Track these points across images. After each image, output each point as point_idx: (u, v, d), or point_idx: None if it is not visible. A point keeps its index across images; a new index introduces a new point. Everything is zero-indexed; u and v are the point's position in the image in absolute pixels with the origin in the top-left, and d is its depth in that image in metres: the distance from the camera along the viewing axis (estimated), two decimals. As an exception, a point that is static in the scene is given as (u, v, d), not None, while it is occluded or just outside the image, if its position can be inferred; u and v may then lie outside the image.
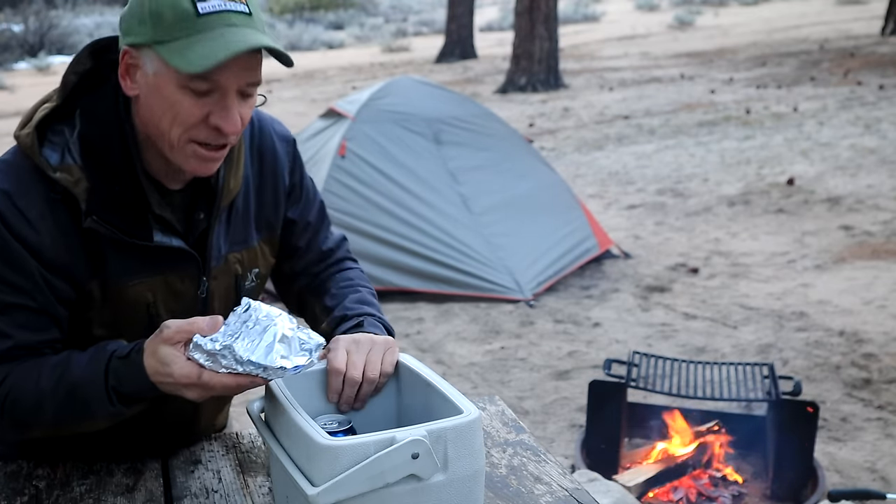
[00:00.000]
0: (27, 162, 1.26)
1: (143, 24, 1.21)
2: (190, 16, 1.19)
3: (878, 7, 18.90)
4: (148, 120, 1.25)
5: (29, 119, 1.28)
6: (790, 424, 2.91)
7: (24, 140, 1.26)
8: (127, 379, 1.20)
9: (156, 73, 1.21)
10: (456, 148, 5.53)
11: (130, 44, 1.22)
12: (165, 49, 1.19)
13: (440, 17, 23.10)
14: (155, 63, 1.21)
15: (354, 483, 0.98)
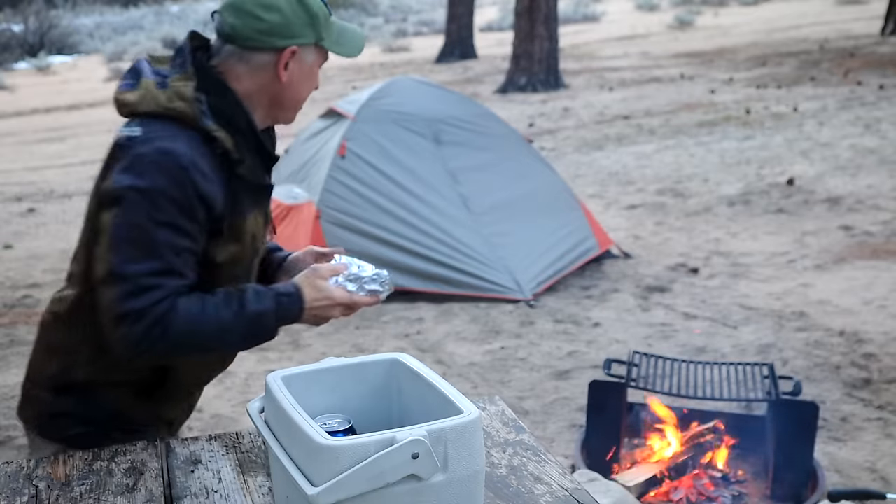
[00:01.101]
0: (188, 128, 1.55)
1: (308, 28, 1.61)
2: (328, 17, 1.65)
3: (878, 7, 18.90)
4: (291, 93, 1.67)
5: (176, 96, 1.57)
6: (790, 424, 2.90)
7: (187, 110, 1.56)
8: (289, 309, 1.57)
9: (312, 62, 1.66)
10: (456, 148, 5.53)
11: (300, 45, 1.62)
12: (327, 43, 1.65)
13: (440, 17, 23.09)
14: (313, 54, 1.65)
15: (354, 483, 0.98)
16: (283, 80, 1.64)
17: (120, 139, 1.61)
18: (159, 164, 1.52)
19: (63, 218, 7.78)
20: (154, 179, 1.52)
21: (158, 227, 1.52)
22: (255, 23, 1.59)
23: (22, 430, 3.89)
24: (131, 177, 1.54)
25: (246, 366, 4.46)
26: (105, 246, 1.54)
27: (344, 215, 5.18)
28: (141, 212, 1.52)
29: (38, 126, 13.80)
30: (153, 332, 1.49)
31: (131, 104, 1.62)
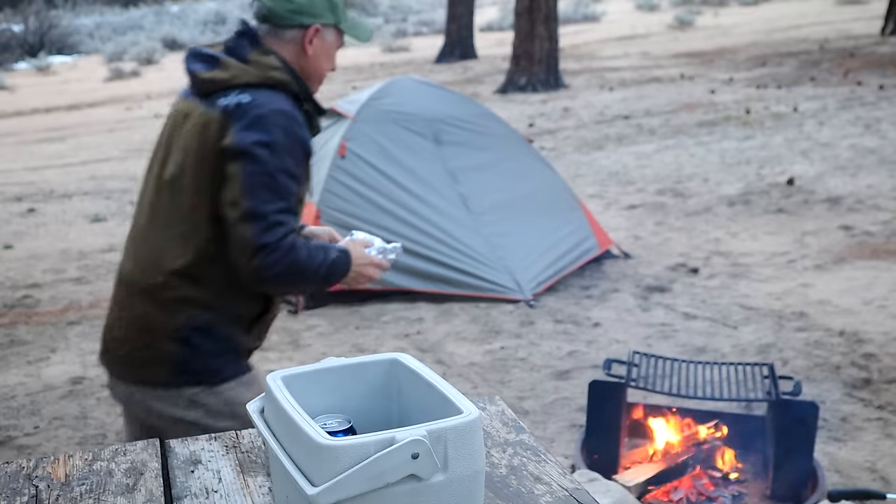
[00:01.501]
0: (282, 91, 1.93)
1: (329, 11, 2.00)
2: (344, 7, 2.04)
3: (878, 7, 18.90)
4: (314, 66, 2.03)
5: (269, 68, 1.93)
6: (790, 424, 2.90)
7: (283, 77, 1.94)
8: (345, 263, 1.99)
9: (332, 38, 2.04)
10: (456, 148, 5.53)
11: (322, 24, 2.00)
12: (344, 26, 2.05)
13: (440, 17, 23.09)
14: (332, 34, 2.03)
15: (354, 483, 0.98)
16: (309, 54, 2.02)
17: (228, 106, 1.89)
18: (276, 122, 1.88)
19: (63, 218, 7.78)
20: (274, 134, 1.86)
21: (281, 173, 1.87)
22: (287, 4, 1.97)
23: (22, 431, 3.88)
24: (255, 133, 1.86)
25: (246, 366, 4.46)
26: (238, 191, 1.85)
27: (344, 215, 5.18)
28: (267, 162, 1.85)
29: (38, 126, 13.81)
30: (283, 262, 1.85)
31: (224, 80, 1.92)
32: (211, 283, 1.93)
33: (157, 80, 19.31)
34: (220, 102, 1.90)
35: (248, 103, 1.88)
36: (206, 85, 1.94)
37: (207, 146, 1.89)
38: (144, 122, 13.50)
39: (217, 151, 1.88)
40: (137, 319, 1.99)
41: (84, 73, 21.60)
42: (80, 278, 6.01)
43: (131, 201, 8.24)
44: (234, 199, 1.86)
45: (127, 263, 2.05)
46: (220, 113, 1.89)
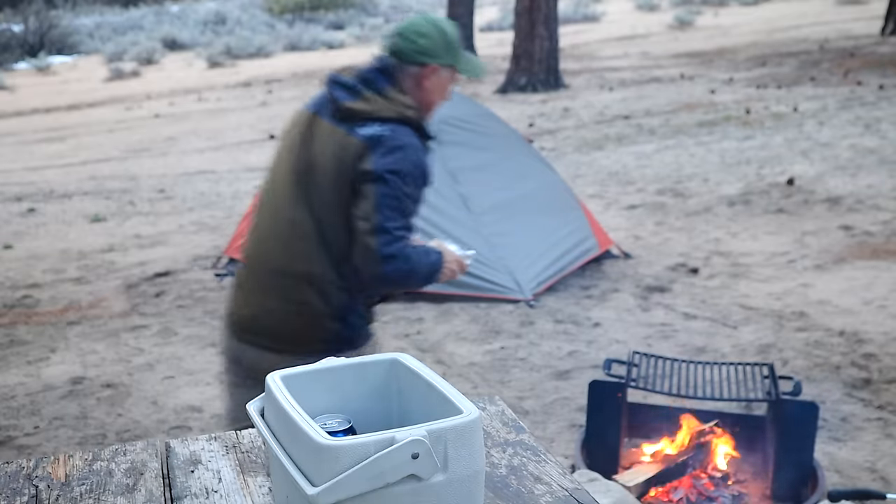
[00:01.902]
0: (413, 127, 2.27)
1: (446, 53, 2.33)
2: (460, 46, 2.38)
3: (878, 7, 18.90)
4: (428, 98, 2.36)
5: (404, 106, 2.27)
6: (790, 424, 2.91)
7: (414, 117, 2.29)
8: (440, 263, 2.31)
9: (446, 75, 2.36)
10: (456, 148, 5.53)
11: (440, 64, 2.33)
12: (461, 66, 2.39)
13: (440, 17, 23.06)
14: (447, 72, 2.35)
15: (354, 483, 0.98)
16: (425, 87, 2.35)
17: (370, 136, 2.23)
18: (407, 154, 2.23)
19: (63, 218, 7.78)
20: (404, 165, 2.22)
21: (406, 197, 2.23)
22: (413, 45, 2.31)
23: (22, 431, 3.88)
24: (390, 162, 2.21)
25: (246, 366, 4.46)
26: (370, 208, 2.21)
27: (344, 215, 5.17)
28: (397, 187, 2.21)
29: (38, 126, 13.81)
30: (402, 269, 2.23)
31: (366, 111, 2.26)
32: (349, 275, 2.31)
33: (157, 80, 19.32)
34: (360, 131, 2.24)
35: (387, 136, 2.23)
36: (349, 113, 2.27)
37: (346, 165, 2.24)
38: (144, 122, 13.50)
39: (356, 173, 2.22)
40: (293, 301, 2.34)
41: (84, 73, 21.60)
42: (80, 278, 6.01)
43: (131, 201, 8.24)
44: (366, 214, 2.21)
45: (275, 253, 2.38)
46: (362, 140, 2.23)
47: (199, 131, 12.24)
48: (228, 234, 6.55)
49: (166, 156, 10.57)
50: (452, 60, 2.35)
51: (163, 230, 7.16)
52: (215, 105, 14.86)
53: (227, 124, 12.69)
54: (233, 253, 5.84)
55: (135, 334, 4.96)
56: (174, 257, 6.34)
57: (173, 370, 4.45)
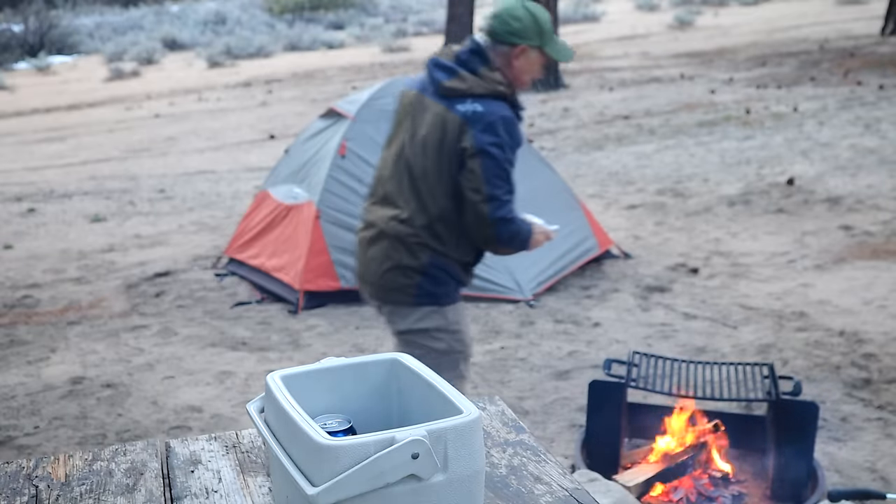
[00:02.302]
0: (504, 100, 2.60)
1: (537, 35, 2.60)
2: (552, 32, 2.65)
3: (878, 7, 18.90)
4: (517, 75, 2.64)
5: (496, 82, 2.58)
6: (790, 424, 2.91)
7: (506, 91, 2.60)
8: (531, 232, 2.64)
9: (535, 56, 2.64)
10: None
11: (528, 45, 2.60)
12: (548, 48, 2.64)
13: (440, 17, 23.08)
14: (535, 52, 2.63)
15: (354, 483, 0.98)
16: (515, 66, 2.62)
17: (466, 112, 2.55)
18: (503, 126, 2.54)
19: (63, 218, 7.78)
20: (502, 136, 2.53)
21: (507, 162, 2.55)
22: (506, 27, 2.59)
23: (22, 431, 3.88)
24: (489, 136, 2.53)
25: (246, 366, 4.46)
26: (479, 181, 2.54)
27: (344, 215, 5.17)
28: (499, 157, 2.53)
29: (38, 126, 13.81)
30: (510, 229, 2.59)
31: (462, 90, 2.57)
32: (444, 237, 2.65)
33: (157, 80, 19.32)
34: (458, 107, 2.56)
35: (481, 112, 2.54)
36: (448, 91, 2.59)
37: (447, 140, 2.57)
38: (144, 122, 13.50)
39: (457, 148, 2.55)
40: (391, 258, 2.68)
41: (84, 73, 21.60)
42: (80, 278, 6.01)
43: (131, 201, 8.24)
44: (476, 186, 2.55)
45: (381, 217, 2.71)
46: (460, 116, 2.55)
47: (199, 131, 12.24)
48: (228, 234, 6.56)
49: (166, 156, 10.57)
50: (542, 43, 2.62)
51: (163, 230, 7.16)
52: (215, 105, 14.86)
53: (227, 124, 12.69)
54: (233, 253, 5.84)
55: (135, 334, 4.96)
56: (174, 257, 6.34)
57: (173, 370, 4.45)
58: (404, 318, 2.72)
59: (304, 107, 13.60)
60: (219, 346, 4.74)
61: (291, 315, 5.07)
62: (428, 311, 2.70)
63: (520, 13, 2.60)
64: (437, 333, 2.70)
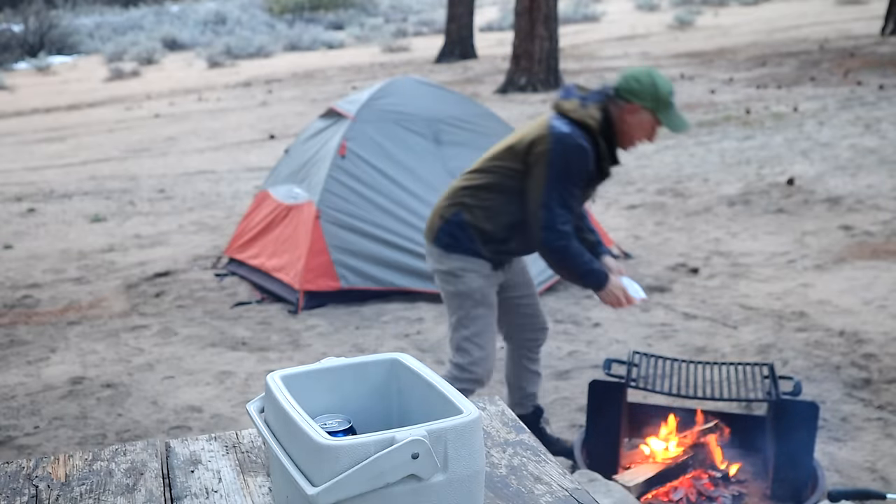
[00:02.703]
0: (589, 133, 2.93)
1: (652, 100, 2.92)
2: (671, 103, 2.94)
3: (878, 7, 18.91)
4: (626, 130, 2.98)
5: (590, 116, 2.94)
6: (790, 424, 2.90)
7: (593, 125, 2.92)
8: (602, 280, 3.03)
9: (647, 118, 2.96)
10: (456, 148, 5.53)
11: (641, 105, 2.93)
12: (661, 115, 2.95)
13: (440, 17, 23.09)
14: (647, 114, 2.95)
15: (354, 483, 0.98)
16: (625, 121, 2.95)
17: (555, 126, 2.91)
18: (574, 151, 2.88)
19: (63, 218, 7.78)
20: (569, 158, 2.87)
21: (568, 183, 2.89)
22: (626, 85, 2.94)
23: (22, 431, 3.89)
24: (560, 154, 2.87)
25: (246, 366, 4.46)
26: (539, 187, 2.90)
27: (344, 215, 5.18)
28: (560, 176, 2.88)
29: (38, 126, 13.81)
30: (557, 242, 2.92)
31: (563, 109, 2.95)
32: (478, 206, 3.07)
33: (157, 80, 19.32)
34: (554, 121, 2.93)
35: (565, 133, 2.89)
36: (556, 106, 2.99)
37: (529, 138, 2.95)
38: (144, 122, 13.50)
39: (533, 151, 2.92)
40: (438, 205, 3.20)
41: (84, 73, 21.60)
42: (80, 278, 6.01)
43: (131, 201, 8.25)
44: (536, 192, 2.91)
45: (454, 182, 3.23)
46: (550, 129, 2.92)
47: (199, 131, 12.25)
48: (228, 234, 6.56)
49: (166, 156, 10.58)
50: (655, 108, 2.91)
51: (163, 230, 7.16)
52: (215, 105, 14.87)
53: (227, 124, 12.69)
54: (233, 253, 5.84)
55: (135, 334, 4.96)
56: (174, 257, 6.34)
57: (173, 370, 4.45)
58: (428, 257, 3.22)
59: (304, 107, 13.60)
60: (219, 346, 4.74)
61: (291, 315, 5.07)
62: (439, 253, 3.14)
63: (642, 77, 2.93)
64: (446, 276, 3.15)
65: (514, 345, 3.43)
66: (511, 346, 3.45)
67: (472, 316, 3.17)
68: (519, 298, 3.37)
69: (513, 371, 3.48)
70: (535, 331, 3.41)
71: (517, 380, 3.47)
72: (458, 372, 3.20)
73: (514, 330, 3.41)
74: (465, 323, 3.18)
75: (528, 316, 3.38)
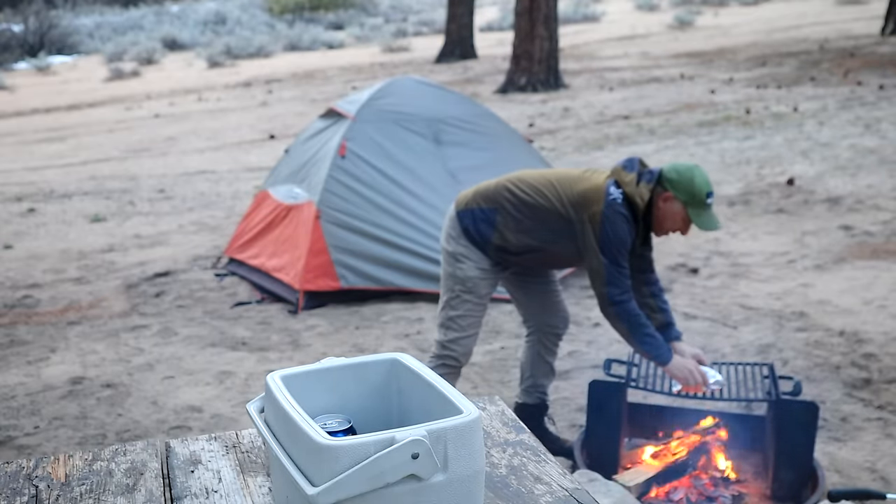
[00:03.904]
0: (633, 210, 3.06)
1: (686, 194, 3.02)
2: (704, 203, 3.04)
3: (878, 7, 18.90)
4: (661, 217, 3.09)
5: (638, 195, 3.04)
6: (790, 424, 2.91)
7: (640, 205, 3.04)
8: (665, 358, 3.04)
9: (677, 211, 3.06)
10: (456, 148, 5.53)
11: (674, 195, 3.03)
12: (691, 210, 3.04)
13: (440, 17, 23.09)
14: (680, 206, 3.04)
15: (354, 483, 0.98)
16: (660, 207, 3.06)
17: (611, 190, 3.05)
18: (620, 221, 3.01)
19: (63, 218, 7.78)
20: (616, 225, 3.01)
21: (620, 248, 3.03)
22: (667, 174, 3.04)
23: (22, 431, 3.88)
24: (610, 218, 3.01)
25: (246, 366, 4.46)
26: (593, 244, 3.03)
27: (344, 215, 5.17)
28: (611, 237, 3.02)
29: (38, 126, 13.81)
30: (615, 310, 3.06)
31: (624, 181, 3.06)
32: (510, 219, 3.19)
33: (157, 80, 19.32)
34: (610, 187, 3.05)
35: (618, 202, 3.02)
36: (614, 173, 3.11)
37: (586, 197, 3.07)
38: (144, 122, 13.50)
39: (591, 211, 3.04)
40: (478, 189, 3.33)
41: (84, 73, 21.60)
42: (80, 278, 6.01)
43: (131, 201, 8.25)
44: (591, 247, 3.04)
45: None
46: (605, 194, 3.04)
47: (199, 131, 12.24)
48: (228, 234, 6.56)
49: (166, 156, 10.58)
50: (686, 201, 3.02)
51: (163, 230, 7.16)
52: (215, 105, 14.87)
53: (227, 124, 12.69)
54: (233, 253, 5.84)
55: (135, 334, 4.96)
56: (174, 257, 6.34)
57: (173, 370, 4.45)
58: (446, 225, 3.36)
59: (304, 107, 13.60)
60: (219, 346, 4.74)
61: (291, 315, 5.07)
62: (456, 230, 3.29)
63: (682, 170, 3.05)
64: (448, 257, 3.30)
65: (534, 329, 3.49)
66: (530, 331, 3.50)
67: (461, 300, 3.29)
68: (541, 284, 3.44)
69: (528, 358, 3.52)
70: (556, 316, 3.46)
71: (530, 368, 3.51)
72: (438, 349, 3.34)
73: (535, 313, 3.47)
74: (453, 304, 3.30)
75: (550, 302, 3.45)
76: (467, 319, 3.31)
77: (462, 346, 3.32)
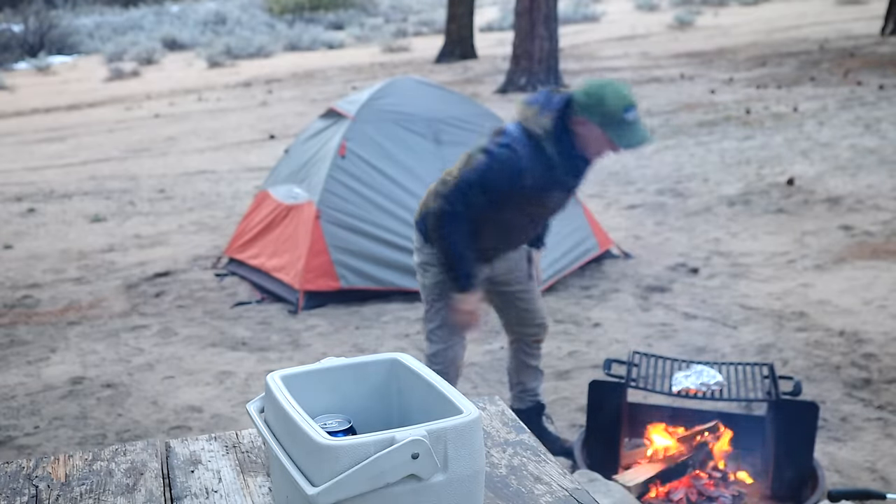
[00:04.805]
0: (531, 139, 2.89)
1: (598, 116, 2.81)
2: (623, 120, 2.81)
3: (878, 7, 18.90)
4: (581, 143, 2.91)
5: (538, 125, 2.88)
6: (790, 424, 2.90)
7: (538, 133, 2.88)
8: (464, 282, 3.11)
9: (596, 134, 2.86)
10: (456, 148, 5.50)
11: (588, 119, 2.84)
12: (609, 130, 2.83)
13: (440, 17, 23.09)
14: (596, 128, 2.84)
15: (354, 483, 0.98)
16: (577, 133, 2.90)
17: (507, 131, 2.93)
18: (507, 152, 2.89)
19: (63, 218, 7.78)
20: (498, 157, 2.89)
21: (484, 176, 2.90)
22: (577, 98, 2.86)
23: (22, 431, 3.88)
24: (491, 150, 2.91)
25: (246, 366, 4.46)
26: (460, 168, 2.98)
27: (344, 215, 5.17)
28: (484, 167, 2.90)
29: (38, 126, 13.80)
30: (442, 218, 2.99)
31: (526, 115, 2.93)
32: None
33: (157, 80, 19.32)
34: (508, 127, 2.96)
35: (509, 133, 2.93)
36: (517, 109, 2.99)
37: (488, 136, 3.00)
38: (144, 122, 13.50)
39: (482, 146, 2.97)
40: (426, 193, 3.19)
41: (84, 73, 21.60)
42: (80, 278, 6.01)
43: (131, 201, 8.24)
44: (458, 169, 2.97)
45: None
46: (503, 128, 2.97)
47: (199, 131, 12.24)
48: (228, 234, 6.55)
49: (166, 156, 10.57)
50: (601, 123, 2.82)
51: (163, 230, 7.16)
52: (215, 105, 14.86)
53: (227, 124, 12.69)
54: (233, 253, 5.84)
55: (135, 334, 4.96)
56: (174, 257, 6.34)
57: (173, 370, 4.45)
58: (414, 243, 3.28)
59: (304, 107, 13.59)
60: (219, 346, 4.74)
61: (291, 315, 5.07)
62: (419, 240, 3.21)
63: (592, 90, 2.85)
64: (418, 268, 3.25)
65: (513, 338, 3.49)
66: (510, 339, 3.50)
67: (435, 310, 3.25)
68: (515, 293, 3.38)
69: (513, 365, 3.53)
70: (532, 326, 3.43)
71: (516, 374, 3.51)
72: (425, 362, 3.33)
73: (511, 323, 3.46)
74: (430, 316, 3.28)
75: (524, 311, 3.41)
76: (444, 329, 3.25)
77: (446, 357, 3.29)
